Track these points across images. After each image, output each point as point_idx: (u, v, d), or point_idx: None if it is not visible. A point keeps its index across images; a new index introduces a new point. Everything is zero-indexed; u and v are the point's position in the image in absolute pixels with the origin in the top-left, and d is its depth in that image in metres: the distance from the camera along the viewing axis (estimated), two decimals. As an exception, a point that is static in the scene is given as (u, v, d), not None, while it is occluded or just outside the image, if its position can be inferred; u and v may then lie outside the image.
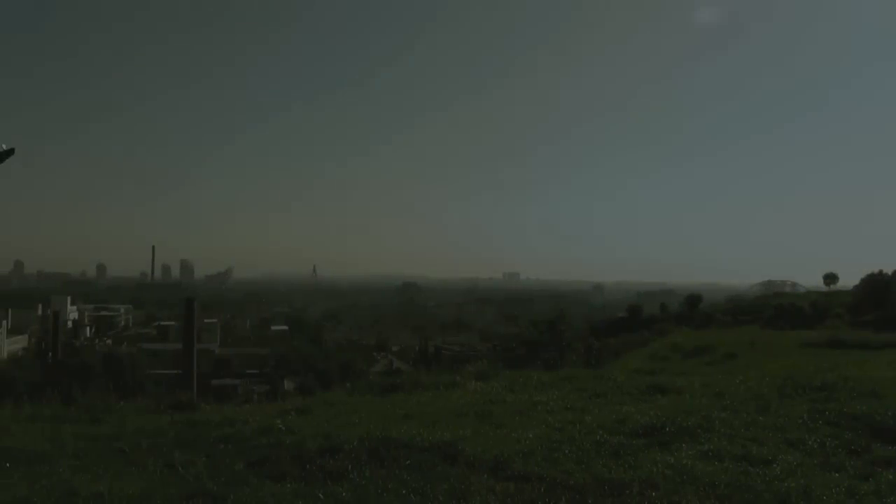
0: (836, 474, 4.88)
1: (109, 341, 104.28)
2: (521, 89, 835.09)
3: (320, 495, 3.84)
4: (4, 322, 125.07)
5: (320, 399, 7.26)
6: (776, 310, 47.20)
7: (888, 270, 47.79)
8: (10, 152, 5.06)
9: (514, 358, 17.82)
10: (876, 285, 46.62)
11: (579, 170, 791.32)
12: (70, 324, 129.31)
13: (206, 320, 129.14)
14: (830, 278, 67.79)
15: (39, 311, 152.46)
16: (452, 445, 4.71)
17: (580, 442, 4.94)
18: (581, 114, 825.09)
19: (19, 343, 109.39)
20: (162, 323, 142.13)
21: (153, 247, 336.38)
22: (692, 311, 55.92)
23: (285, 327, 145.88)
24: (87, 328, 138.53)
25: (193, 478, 4.10)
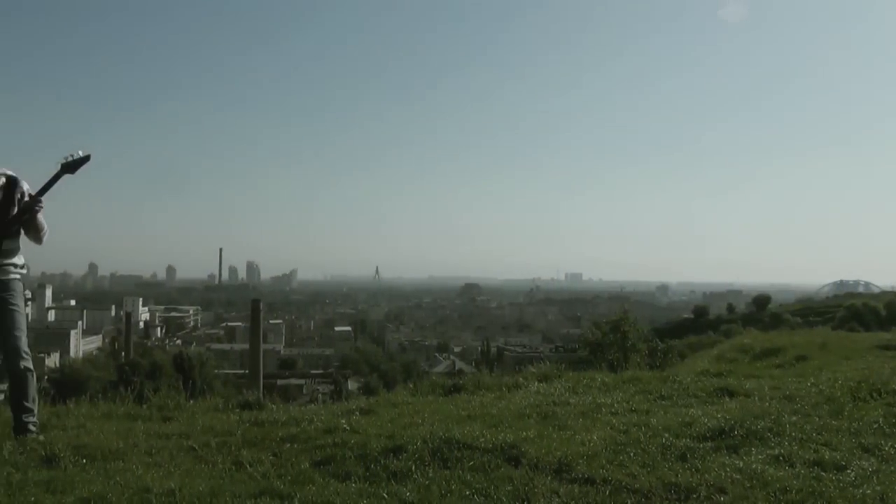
0: (914, 481, 4.72)
1: (179, 341, 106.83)
2: (588, 90, 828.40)
3: (384, 495, 3.87)
4: (80, 322, 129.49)
5: (384, 399, 7.29)
6: (849, 311, 45.93)
7: (969, 270, 45.94)
8: (86, 159, 5.21)
9: (576, 359, 17.65)
10: (955, 285, 44.84)
11: (646, 169, 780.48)
12: (141, 324, 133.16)
13: (271, 321, 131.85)
14: (906, 278, 65.48)
15: (113, 312, 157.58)
16: (515, 447, 4.68)
17: (645, 445, 4.85)
18: (648, 115, 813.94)
19: (94, 343, 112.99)
20: (229, 324, 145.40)
21: (220, 249, 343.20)
22: (760, 311, 54.79)
23: (349, 328, 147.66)
24: (158, 329, 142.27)
25: (261, 476, 4.18)
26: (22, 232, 5.30)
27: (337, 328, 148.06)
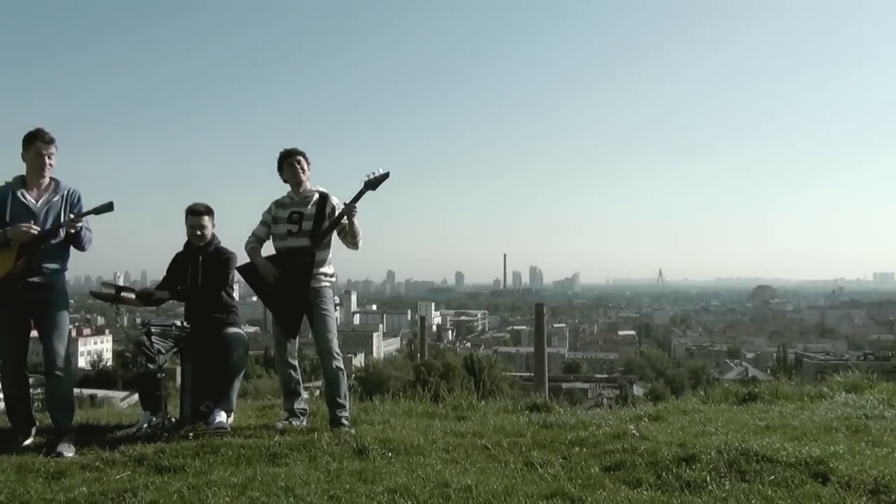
0: None
1: (468, 344, 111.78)
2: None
3: (677, 505, 3.75)
4: (381, 325, 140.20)
5: (673, 406, 7.05)
6: None
7: None
8: (386, 176, 5.61)
9: (890, 368, 15.84)
10: None
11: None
12: (434, 327, 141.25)
13: (554, 325, 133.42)
14: None
15: (409, 316, 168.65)
16: (822, 462, 4.29)
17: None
18: None
19: (393, 344, 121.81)
20: (514, 327, 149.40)
21: (504, 255, 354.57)
22: None
23: (632, 332, 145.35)
24: (449, 332, 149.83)
25: (552, 478, 4.22)
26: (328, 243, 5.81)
27: (620, 332, 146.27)
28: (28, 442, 5.33)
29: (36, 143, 5.17)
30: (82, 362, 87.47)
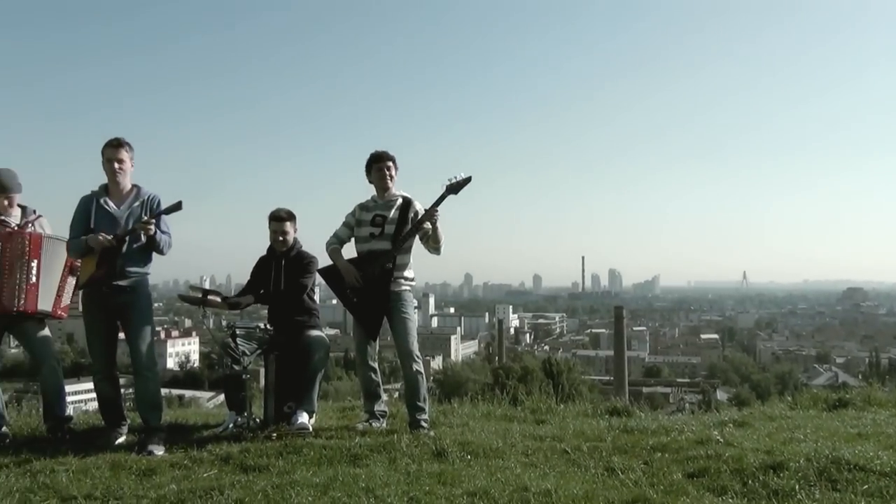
0: None
1: (546, 347, 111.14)
2: None
3: (765, 513, 3.64)
4: (458, 328, 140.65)
5: (758, 412, 6.86)
6: None
7: None
8: (468, 180, 5.62)
9: None
10: None
11: None
12: (512, 330, 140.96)
13: (634, 328, 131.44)
14: None
15: (486, 319, 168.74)
16: (919, 473, 4.12)
17: None
18: None
19: (471, 347, 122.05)
20: (593, 330, 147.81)
21: (583, 258, 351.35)
22: None
23: (715, 336, 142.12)
24: (527, 335, 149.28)
25: (633, 483, 4.16)
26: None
27: (703, 336, 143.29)
28: (121, 440, 5.53)
29: (106, 150, 5.39)
30: (171, 363, 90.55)
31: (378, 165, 5.88)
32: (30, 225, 5.68)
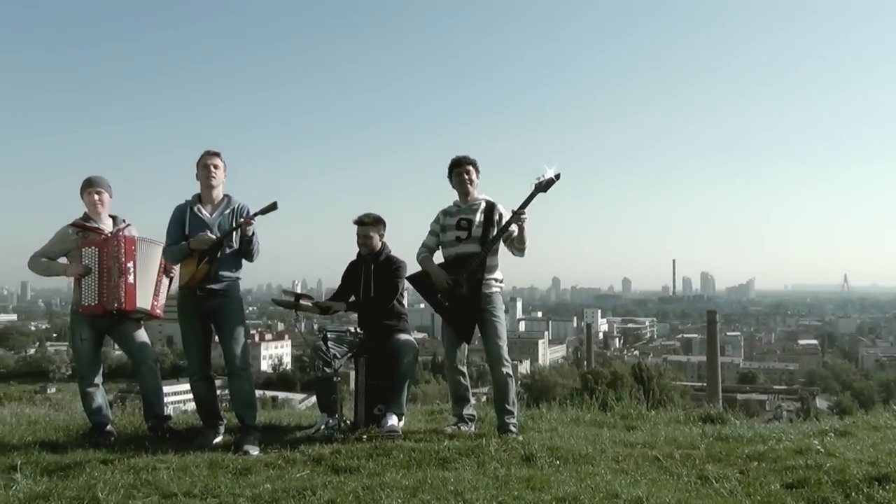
0: None
1: (636, 352, 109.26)
2: None
3: (870, 528, 3.49)
4: (546, 333, 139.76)
5: (862, 421, 6.56)
6: None
7: None
8: (556, 178, 5.54)
9: None
10: None
11: None
12: (601, 335, 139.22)
13: (728, 333, 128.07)
14: None
15: (574, 323, 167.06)
16: None
17: None
18: None
19: (559, 352, 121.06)
20: (685, 335, 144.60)
21: (674, 261, 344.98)
22: None
23: (814, 341, 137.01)
24: (616, 339, 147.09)
25: (728, 493, 4.03)
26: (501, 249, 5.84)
27: (801, 341, 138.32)
28: (218, 440, 5.71)
29: (203, 157, 5.65)
30: (264, 366, 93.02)
31: (458, 170, 5.89)
32: (121, 232, 5.98)
